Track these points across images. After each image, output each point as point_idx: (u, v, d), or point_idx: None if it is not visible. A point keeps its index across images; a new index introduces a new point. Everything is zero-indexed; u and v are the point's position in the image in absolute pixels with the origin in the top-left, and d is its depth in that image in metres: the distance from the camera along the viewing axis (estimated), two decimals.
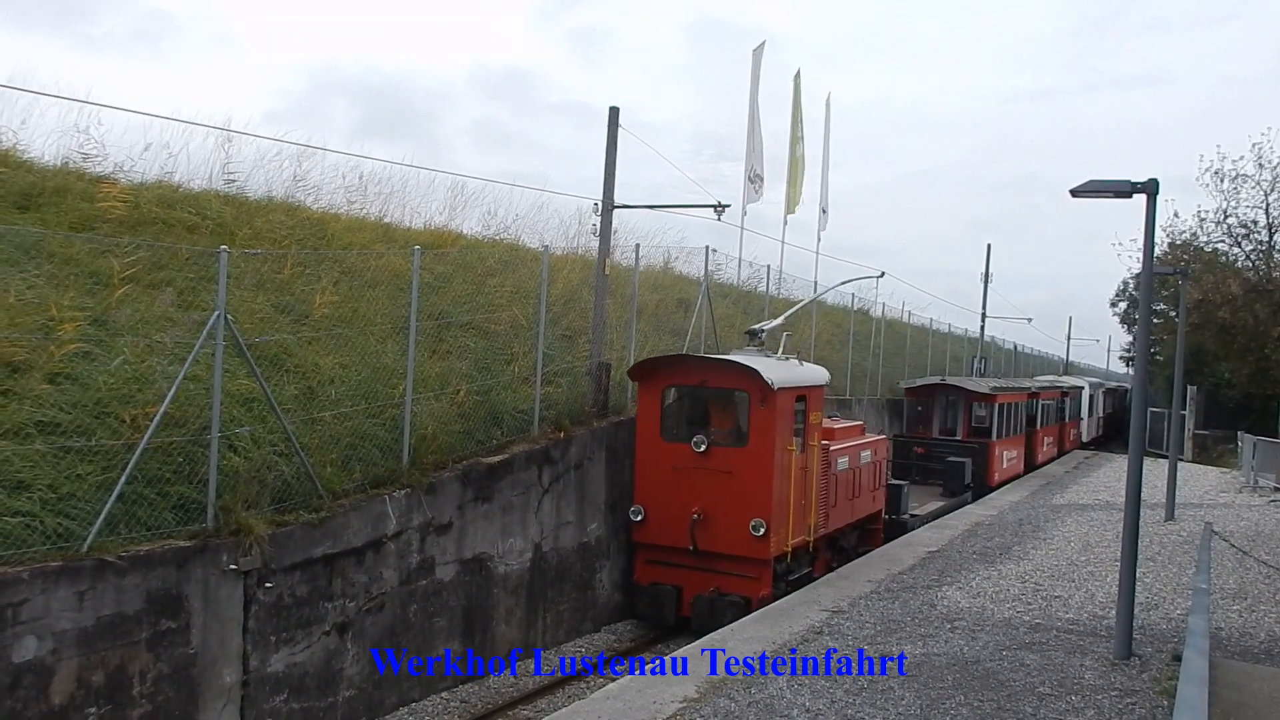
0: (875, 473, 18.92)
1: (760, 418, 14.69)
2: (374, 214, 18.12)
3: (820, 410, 16.29)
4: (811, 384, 16.13)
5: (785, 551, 15.00)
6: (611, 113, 16.60)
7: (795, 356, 16.60)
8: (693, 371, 15.26)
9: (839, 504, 17.00)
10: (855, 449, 17.97)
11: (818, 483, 16.09)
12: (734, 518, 14.56)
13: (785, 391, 14.85)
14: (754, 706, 9.40)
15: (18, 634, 7.87)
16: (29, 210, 11.96)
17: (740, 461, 14.71)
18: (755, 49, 29.53)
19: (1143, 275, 11.69)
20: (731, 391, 15.17)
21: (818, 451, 16.13)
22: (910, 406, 29.28)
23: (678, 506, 14.92)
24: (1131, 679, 10.51)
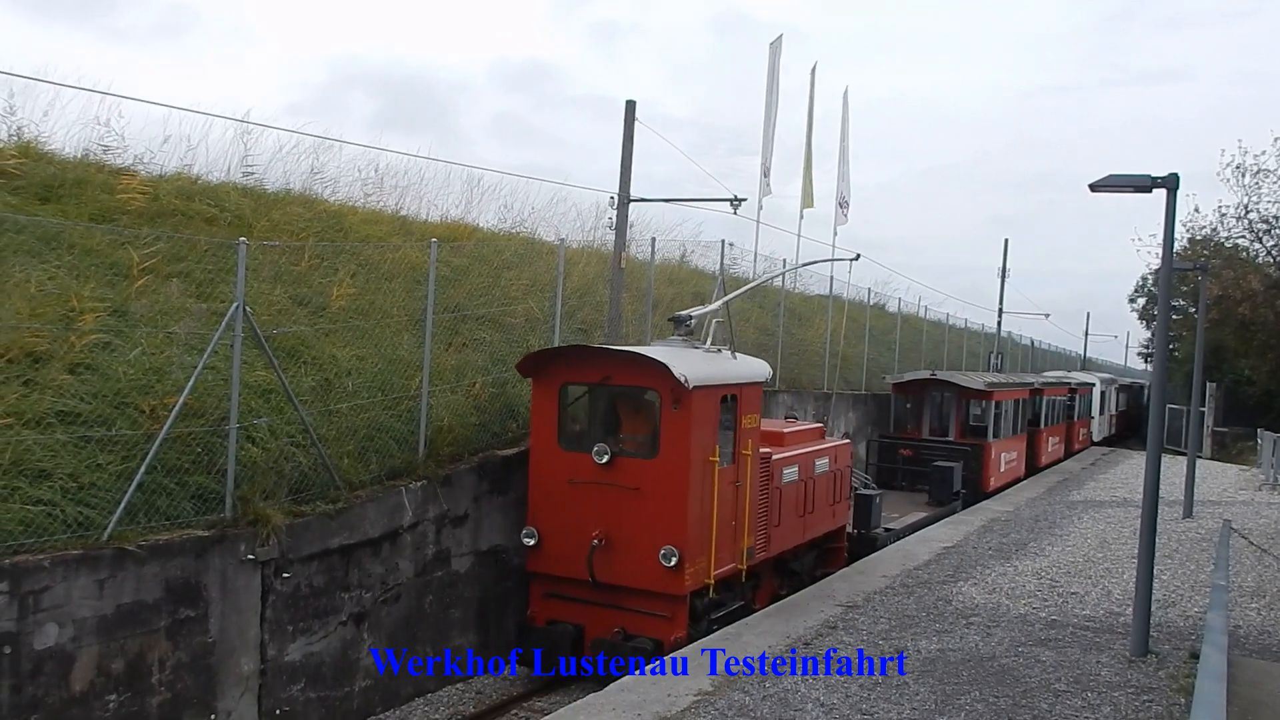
0: (835, 484, 16.17)
1: (673, 423, 11.88)
2: (391, 207, 18.17)
3: (757, 412, 13.48)
4: (744, 381, 13.12)
5: (707, 584, 12.23)
6: (628, 106, 16.58)
7: (728, 348, 13.71)
8: (595, 366, 12.44)
9: (786, 522, 14.35)
10: (807, 457, 15.21)
11: (754, 499, 13.26)
12: (641, 544, 11.88)
13: (705, 391, 12.04)
14: (768, 700, 9.41)
15: (39, 621, 7.94)
16: (50, 202, 12.04)
17: (649, 476, 11.97)
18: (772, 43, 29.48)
19: (1162, 271, 11.63)
20: (639, 391, 12.47)
21: (753, 462, 13.24)
22: (898, 404, 26.69)
23: (577, 529, 12.19)
24: (1148, 676, 10.48)
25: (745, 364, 13.72)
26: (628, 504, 12.00)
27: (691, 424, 11.83)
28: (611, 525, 12.10)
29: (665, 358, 11.81)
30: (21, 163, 12.15)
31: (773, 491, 13.87)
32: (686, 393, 11.71)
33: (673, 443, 11.89)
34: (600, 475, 12.13)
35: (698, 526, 11.99)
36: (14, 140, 12.92)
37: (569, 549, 12.20)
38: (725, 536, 12.58)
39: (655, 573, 11.81)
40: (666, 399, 11.90)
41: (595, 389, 12.69)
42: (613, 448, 12.19)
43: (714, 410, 12.32)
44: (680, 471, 11.84)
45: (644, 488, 11.96)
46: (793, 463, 14.64)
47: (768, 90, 28.38)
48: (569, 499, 12.32)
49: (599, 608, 12.20)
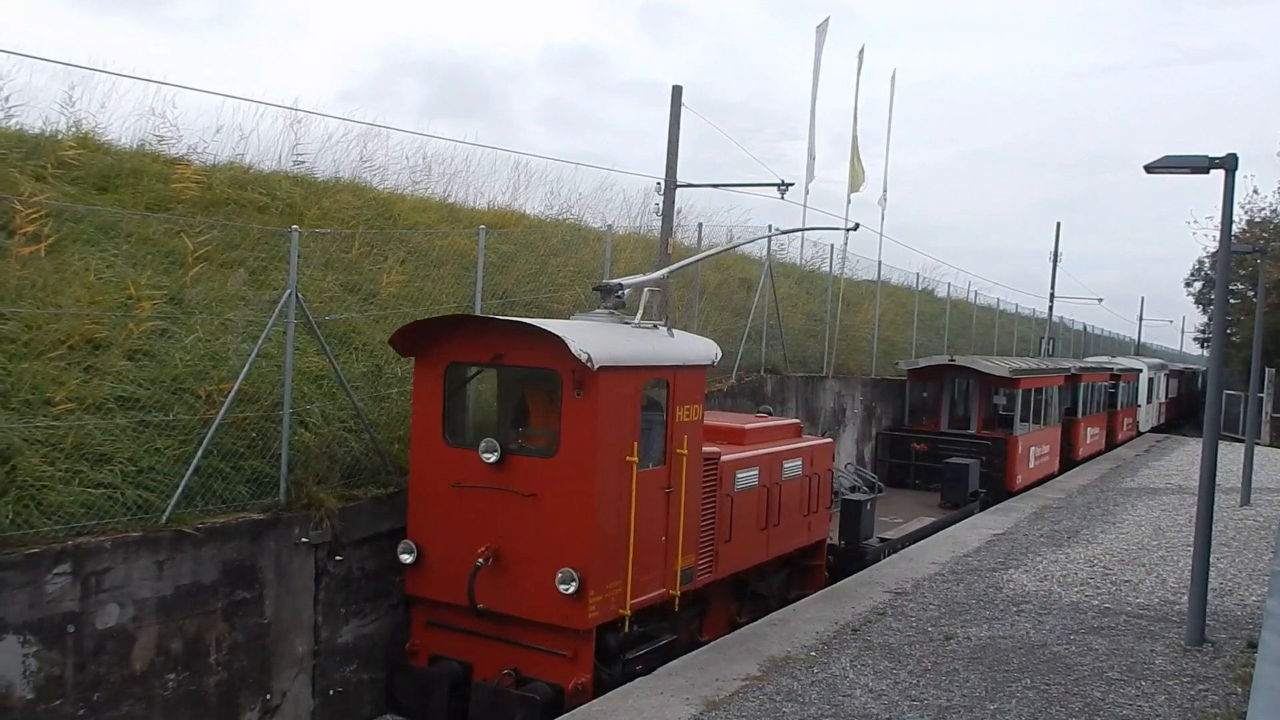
0: (811, 490, 13.75)
1: (575, 413, 9.45)
2: (439, 194, 18.33)
3: (698, 402, 10.89)
4: (679, 364, 10.60)
5: (623, 615, 9.82)
6: (675, 92, 16.56)
7: (663, 323, 11.23)
8: (485, 341, 9.98)
9: (741, 537, 11.96)
10: (772, 458, 12.77)
11: (694, 509, 10.80)
12: (536, 565, 9.50)
13: (619, 374, 9.58)
14: (816, 685, 9.41)
15: (101, 601, 8.13)
16: (107, 191, 12.27)
17: (547, 480, 9.53)
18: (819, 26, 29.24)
19: (1219, 254, 11.43)
20: (537, 372, 10.04)
21: (693, 463, 10.71)
22: (913, 393, 24.63)
23: (464, 544, 9.80)
24: (1204, 665, 10.33)
25: (684, 343, 11.16)
26: (522, 514, 9.60)
27: (599, 415, 9.35)
28: (502, 540, 9.67)
29: (569, 331, 9.43)
30: (80, 153, 12.38)
31: (723, 500, 11.50)
32: (590, 375, 9.26)
33: (575, 438, 9.43)
34: (489, 478, 9.72)
35: (608, 544, 9.52)
36: (73, 131, 13.17)
37: (454, 568, 9.78)
38: (649, 556, 10.13)
39: (552, 601, 9.38)
40: (568, 383, 9.43)
41: (487, 370, 10.50)
42: (504, 444, 9.83)
43: (633, 398, 9.82)
44: (584, 475, 9.35)
45: (541, 494, 9.51)
46: (750, 465, 12.23)
47: (814, 73, 28.18)
48: (454, 507, 9.94)
49: (491, 641, 9.85)
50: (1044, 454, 25.63)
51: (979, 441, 22.82)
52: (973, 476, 20.68)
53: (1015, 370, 23.52)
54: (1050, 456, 26.27)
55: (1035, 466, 24.68)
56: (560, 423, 9.58)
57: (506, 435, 10.29)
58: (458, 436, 10.24)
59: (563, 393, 9.52)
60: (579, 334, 9.46)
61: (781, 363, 20.19)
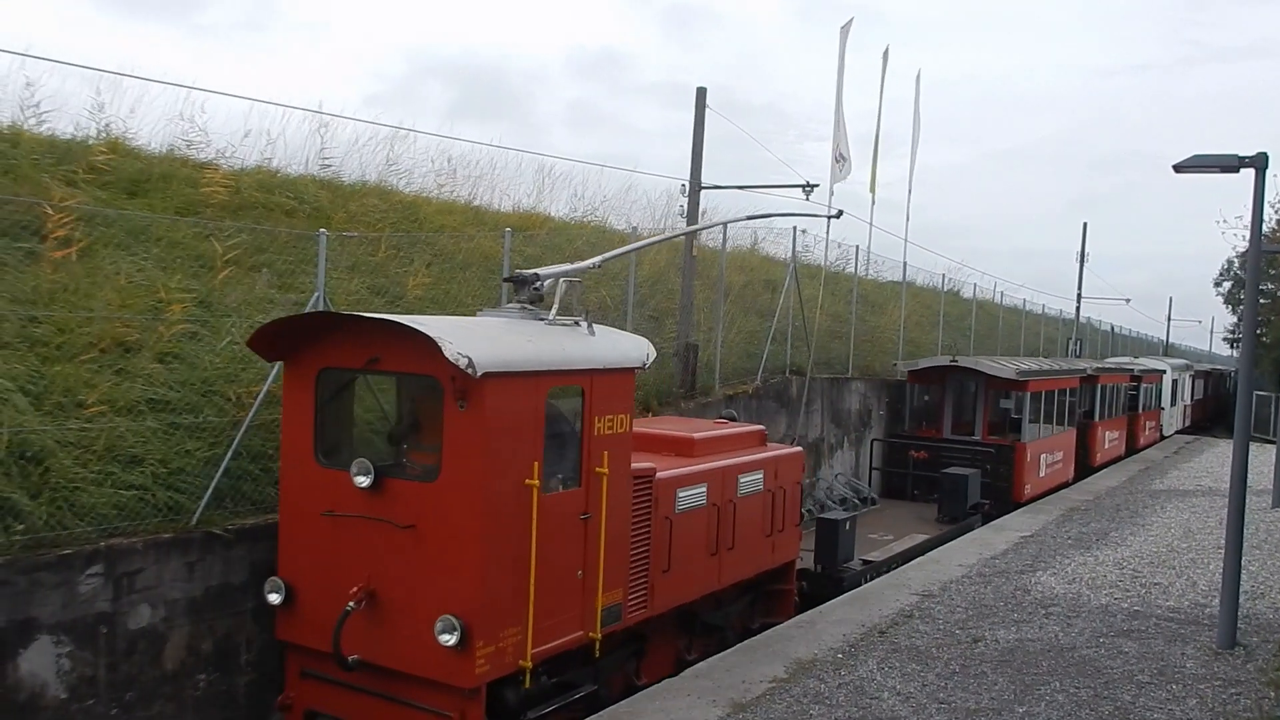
0: (776, 507, 12.19)
1: (459, 428, 7.86)
2: (464, 197, 18.43)
3: (625, 411, 9.35)
4: (597, 367, 9.00)
5: (523, 668, 8.21)
6: (699, 93, 16.58)
7: (583, 320, 9.44)
8: (361, 342, 8.35)
9: (686, 565, 10.48)
10: (725, 472, 11.21)
11: (619, 536, 9.29)
12: (415, 609, 7.99)
13: (513, 381, 8.01)
14: (844, 688, 9.38)
15: (133, 602, 8.21)
16: (137, 196, 12.40)
17: (428, 508, 7.97)
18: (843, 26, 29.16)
19: (1250, 253, 11.32)
20: (417, 380, 8.60)
21: (615, 484, 9.14)
22: (914, 396, 23.00)
23: (338, 584, 8.26)
24: (1236, 669, 10.23)
25: (606, 342, 9.44)
26: (399, 549, 8.08)
27: (486, 430, 7.75)
28: (379, 580, 8.15)
29: (448, 331, 7.81)
30: (110, 158, 12.51)
31: (660, 523, 10.02)
32: (474, 383, 7.63)
33: (458, 459, 7.83)
34: (364, 506, 8.18)
35: (500, 584, 7.95)
36: (103, 136, 13.31)
37: (327, 611, 8.21)
38: (560, 595, 8.60)
39: (432, 653, 7.84)
40: (449, 393, 7.83)
41: (360, 376, 8.93)
42: (380, 465, 8.29)
43: (533, 409, 8.24)
44: (467, 502, 7.79)
45: (421, 525, 7.96)
46: (696, 481, 10.69)
47: (838, 74, 28.11)
48: (326, 539, 8.40)
49: (372, 698, 8.34)
50: (1056, 461, 24.17)
51: (983, 449, 21.37)
52: (972, 487, 19.20)
53: (1023, 372, 22.01)
54: (1064, 464, 24.78)
55: (1046, 475, 23.25)
56: (443, 439, 7.90)
57: (385, 455, 8.87)
58: (332, 456, 8.55)
59: (444, 404, 7.88)
60: (462, 334, 7.84)
61: (806, 364, 20.14)
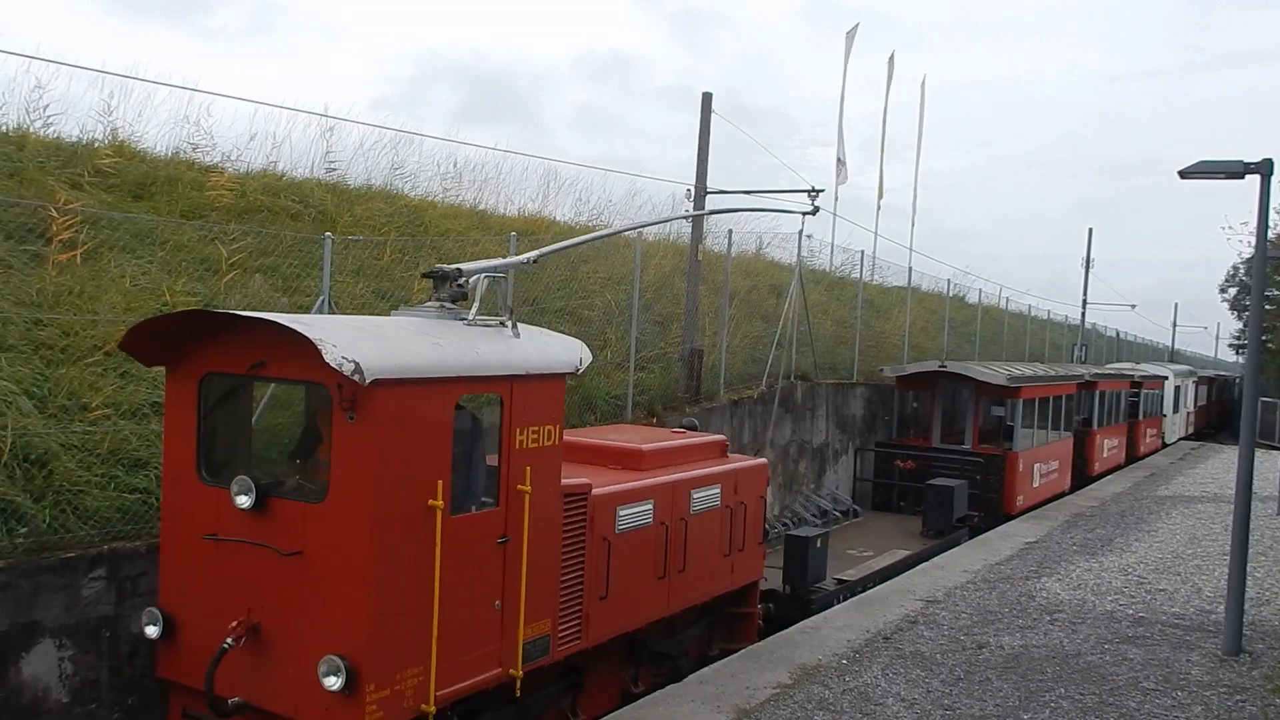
0: (735, 524, 11.18)
1: (348, 442, 6.87)
2: (469, 201, 18.46)
3: (554, 422, 8.29)
4: (519, 373, 7.98)
5: (425, 713, 7.20)
6: (705, 98, 16.59)
7: (507, 319, 8.36)
8: (247, 345, 7.29)
9: (626, 590, 9.42)
10: (675, 488, 10.18)
11: (546, 562, 8.23)
12: (300, 648, 6.96)
13: (412, 389, 7.04)
14: (848, 694, 9.36)
15: (136, 605, 8.20)
16: (143, 199, 12.44)
17: (315, 533, 6.97)
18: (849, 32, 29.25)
19: (1255, 259, 11.30)
20: (304, 388, 7.79)
21: (540, 503, 8.07)
22: (901, 402, 22.30)
23: (219, 617, 7.24)
24: (1241, 676, 10.20)
25: (531, 345, 8.36)
26: (284, 579, 7.04)
27: (378, 444, 6.79)
28: (262, 612, 7.13)
29: (333, 332, 6.80)
30: (116, 161, 12.56)
31: (596, 545, 9.00)
32: (364, 392, 6.68)
33: (346, 477, 6.86)
34: (246, 529, 7.17)
35: (396, 619, 6.95)
36: (109, 139, 13.35)
37: (210, 647, 7.17)
38: (473, 629, 7.63)
39: (317, 697, 6.83)
40: (335, 401, 6.84)
41: (244, 383, 7.76)
42: (263, 483, 7.22)
43: (438, 421, 7.27)
44: (356, 526, 6.81)
45: (308, 552, 6.95)
46: (641, 498, 9.67)
47: (843, 79, 28.16)
48: (209, 565, 7.37)
49: None
50: (1051, 471, 23.21)
51: (973, 458, 20.36)
52: (959, 499, 18.20)
53: (1014, 378, 21.18)
54: (1060, 473, 23.92)
55: (1041, 485, 22.34)
56: (331, 455, 6.96)
57: (273, 472, 7.88)
58: (216, 472, 7.49)
59: (332, 416, 6.91)
60: (352, 335, 6.87)
61: (812, 369, 20.13)
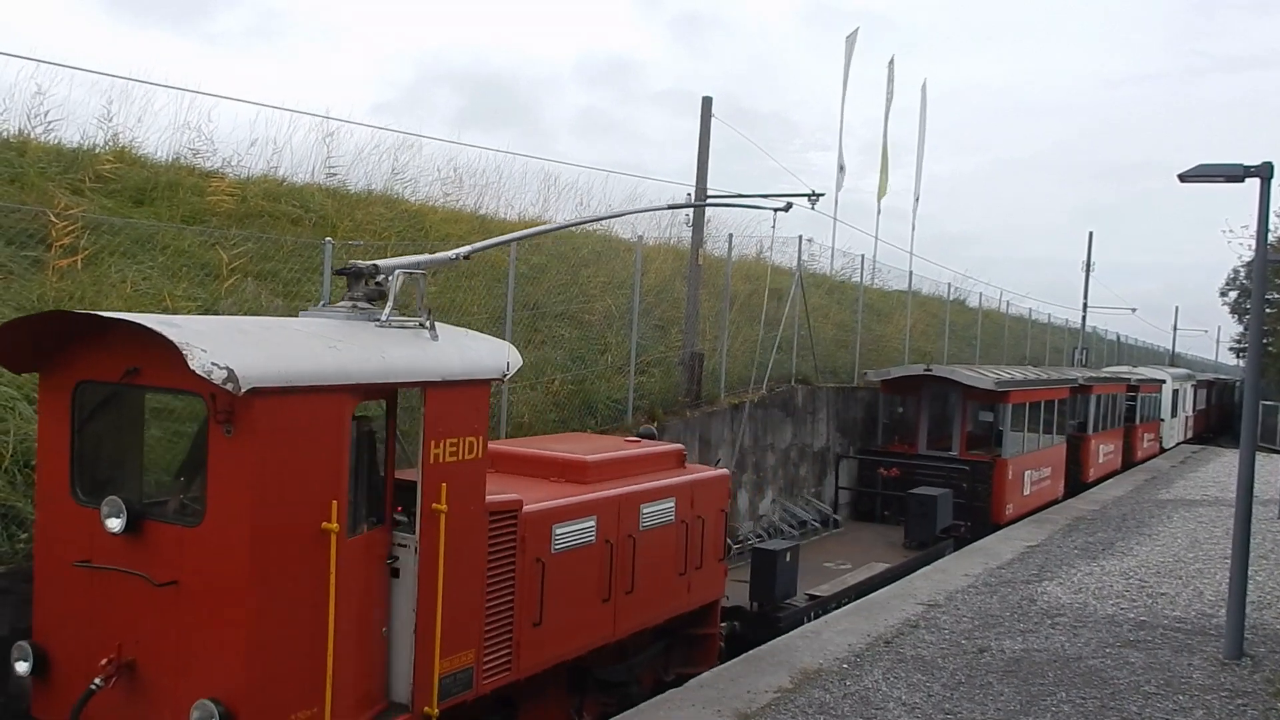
0: (691, 539, 10.34)
1: (226, 459, 6.04)
2: (470, 206, 18.49)
3: (476, 434, 7.46)
4: (434, 379, 7.16)
5: None
6: (705, 103, 16.61)
7: (425, 319, 7.50)
8: (121, 350, 6.41)
9: (564, 615, 8.55)
10: (621, 502, 9.33)
11: (468, 586, 7.46)
12: (175, 688, 6.15)
13: (300, 398, 6.22)
14: (849, 699, 9.35)
15: None
16: (144, 204, 12.45)
17: (190, 560, 6.14)
18: (849, 36, 29.28)
19: (1255, 263, 11.31)
20: (181, 397, 6.70)
21: (459, 523, 7.26)
22: (886, 407, 21.49)
23: (95, 651, 6.40)
24: (1243, 679, 10.19)
25: (451, 347, 7.54)
26: (159, 611, 6.20)
27: (258, 461, 5.98)
28: (137, 648, 6.30)
29: (213, 334, 6.05)
30: (117, 167, 12.57)
31: (528, 567, 8.13)
32: (239, 401, 5.86)
33: (224, 497, 6.04)
34: (119, 555, 6.35)
35: (282, 655, 6.17)
36: (110, 145, 13.36)
37: (84, 685, 6.31)
38: (371, 662, 6.89)
39: None
40: (212, 412, 6.01)
41: (120, 393, 6.76)
42: (137, 504, 6.40)
43: (332, 434, 6.42)
44: (233, 553, 5.99)
45: (184, 581, 6.13)
46: (581, 514, 8.82)
47: (843, 84, 28.19)
48: (81, 594, 6.55)
49: None
50: (1044, 478, 22.52)
51: (959, 466, 19.62)
52: (943, 509, 17.40)
53: (1003, 382, 20.41)
54: (1052, 480, 23.26)
55: (1032, 493, 21.66)
56: (208, 473, 6.15)
57: (151, 492, 7.01)
58: (92, 492, 6.62)
59: (209, 429, 6.10)
60: (229, 338, 6.07)
61: (812, 373, 20.13)
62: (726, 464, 16.69)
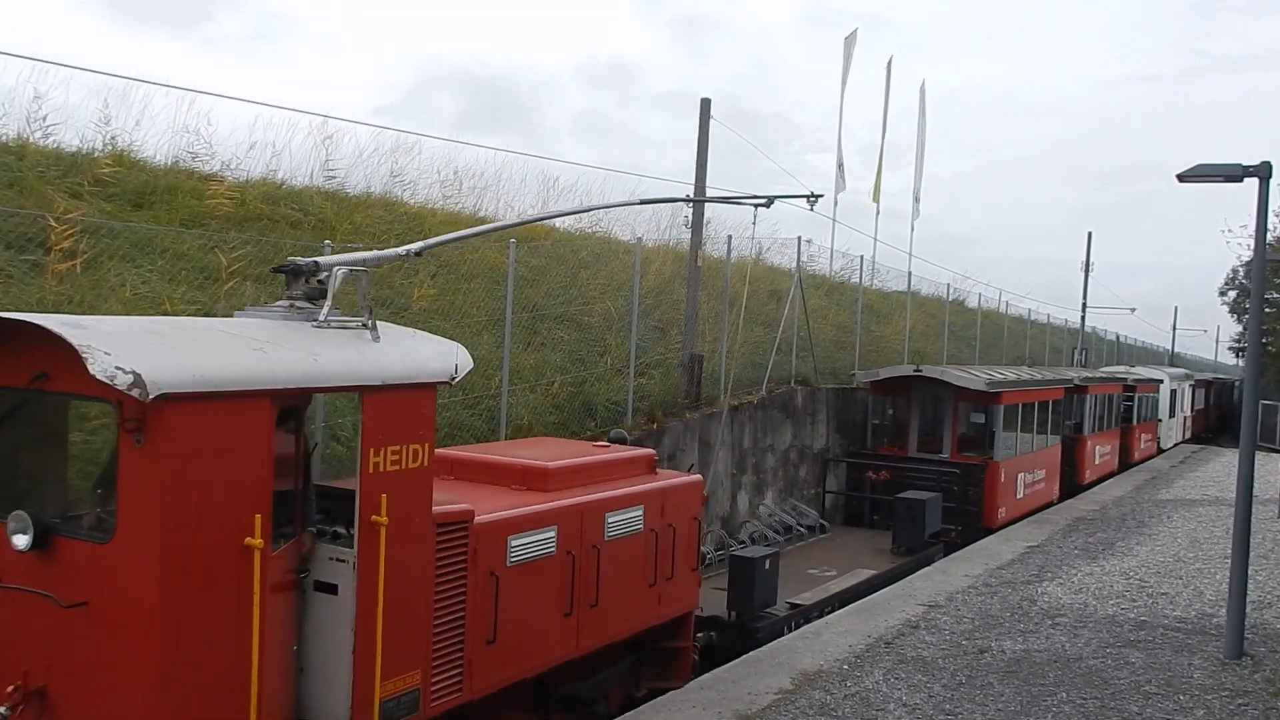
0: (662, 549, 9.85)
1: (136, 471, 5.56)
2: (469, 208, 18.47)
3: (421, 440, 6.97)
4: (374, 382, 6.68)
5: None
6: (703, 104, 16.62)
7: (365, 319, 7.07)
8: (29, 353, 5.86)
9: (521, 631, 8.08)
10: (584, 511, 8.85)
11: (414, 604, 6.98)
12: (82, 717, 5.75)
13: (215, 405, 5.73)
14: (850, 699, 9.35)
15: None
16: (143, 208, 12.44)
17: (101, 579, 5.67)
18: (847, 37, 29.31)
19: (1254, 262, 11.32)
20: (91, 404, 6.20)
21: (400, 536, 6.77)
22: (876, 409, 21.00)
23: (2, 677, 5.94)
24: (1243, 679, 10.19)
25: (394, 350, 7.11)
26: (70, 634, 5.77)
27: (171, 472, 5.52)
28: (46, 673, 5.86)
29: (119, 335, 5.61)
30: (115, 170, 12.56)
31: (481, 582, 7.69)
32: (149, 409, 5.40)
33: (135, 512, 5.57)
34: (25, 574, 5.91)
35: (199, 683, 5.73)
36: (108, 149, 13.36)
37: None
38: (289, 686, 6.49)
39: None
40: (122, 420, 5.51)
41: (32, 399, 6.17)
42: (45, 519, 5.96)
43: (255, 443, 5.96)
44: (144, 572, 5.52)
45: (94, 602, 5.68)
46: (539, 524, 8.33)
47: (842, 85, 28.21)
48: None
49: None
50: (1037, 480, 22.18)
51: (950, 469, 19.08)
52: (931, 513, 16.99)
53: (994, 382, 19.94)
54: (1047, 483, 22.90)
55: (1025, 496, 21.25)
56: (119, 487, 5.68)
57: (67, 506, 6.52)
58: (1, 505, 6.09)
59: (120, 440, 5.63)
60: (138, 339, 5.62)
61: (812, 374, 20.14)
62: (725, 466, 16.70)
